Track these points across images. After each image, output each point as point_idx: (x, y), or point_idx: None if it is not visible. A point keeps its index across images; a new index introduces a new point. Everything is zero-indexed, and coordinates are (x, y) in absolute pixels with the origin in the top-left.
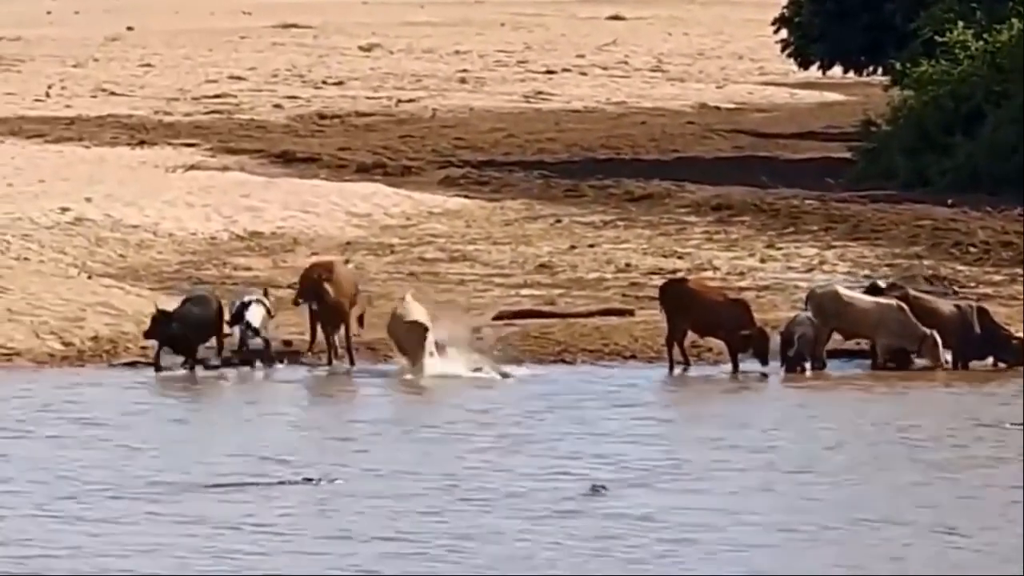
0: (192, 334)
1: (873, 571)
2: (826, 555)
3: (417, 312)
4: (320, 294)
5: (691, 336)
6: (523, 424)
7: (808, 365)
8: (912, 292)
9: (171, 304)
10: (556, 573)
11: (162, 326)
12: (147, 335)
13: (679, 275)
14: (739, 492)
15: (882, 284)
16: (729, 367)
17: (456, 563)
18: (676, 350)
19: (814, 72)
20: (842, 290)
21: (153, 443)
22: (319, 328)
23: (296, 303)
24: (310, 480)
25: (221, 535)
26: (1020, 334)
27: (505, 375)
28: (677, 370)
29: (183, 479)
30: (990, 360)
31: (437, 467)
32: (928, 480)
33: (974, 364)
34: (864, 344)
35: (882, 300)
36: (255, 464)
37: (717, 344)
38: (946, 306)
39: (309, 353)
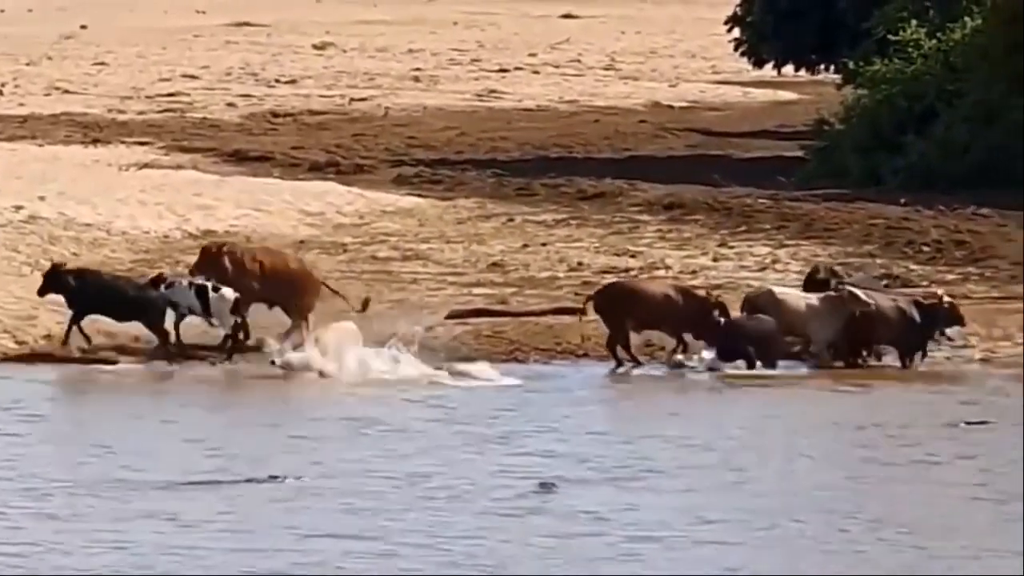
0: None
1: (836, 568)
2: (787, 553)
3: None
4: (219, 269)
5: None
6: (483, 423)
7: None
8: (848, 287)
9: None
10: (518, 572)
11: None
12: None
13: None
14: (698, 490)
15: (820, 275)
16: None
17: (420, 560)
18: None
19: (767, 71)
20: (776, 289)
21: (117, 440)
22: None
23: (191, 275)
24: (276, 478)
25: (186, 532)
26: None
27: (460, 374)
28: (633, 368)
29: (148, 477)
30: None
31: (398, 465)
32: (889, 477)
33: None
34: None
35: (815, 297)
36: (221, 461)
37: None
38: (886, 302)
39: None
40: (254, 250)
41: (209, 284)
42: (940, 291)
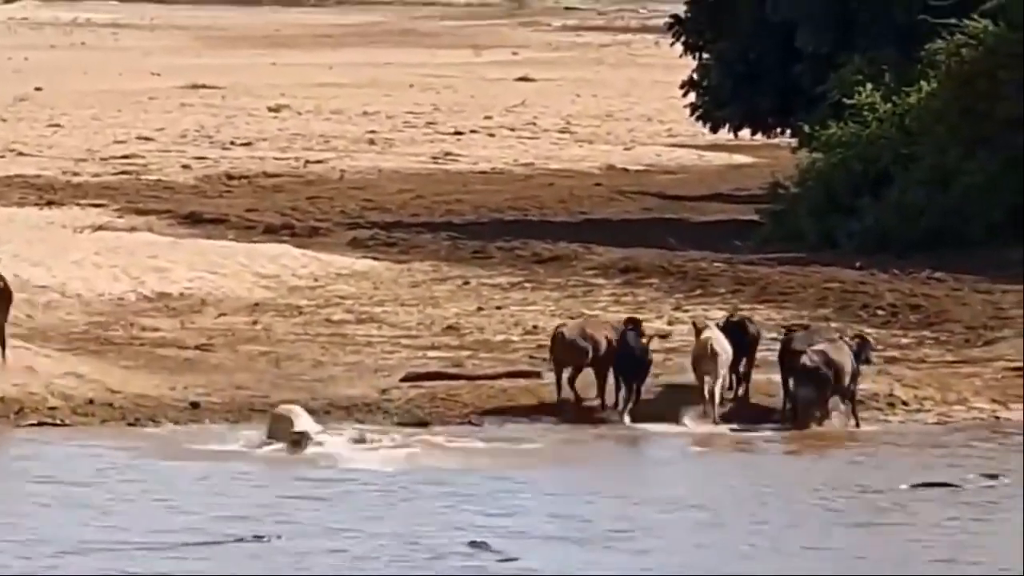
0: None
1: None
2: None
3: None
4: None
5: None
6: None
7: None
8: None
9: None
10: None
11: None
12: None
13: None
14: (649, 551)
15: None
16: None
17: None
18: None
19: (723, 134)
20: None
21: (114, 502)
22: None
23: None
24: (260, 538)
25: None
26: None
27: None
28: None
29: (146, 539)
30: None
31: (385, 525)
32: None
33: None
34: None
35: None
36: (209, 522)
37: None
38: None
39: None
40: None
41: None
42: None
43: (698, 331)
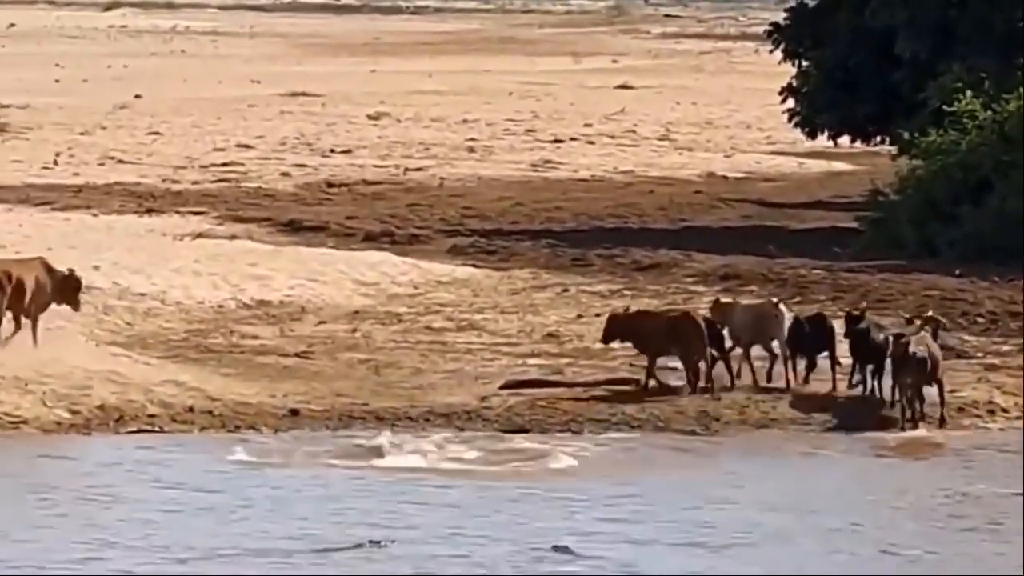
0: None
1: None
2: None
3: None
4: None
5: None
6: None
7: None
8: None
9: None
10: None
11: None
12: None
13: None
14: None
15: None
16: None
17: None
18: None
19: (822, 141)
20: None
21: (241, 507)
22: None
23: None
24: (377, 543)
25: None
26: None
27: None
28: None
29: (285, 545)
30: None
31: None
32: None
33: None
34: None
35: None
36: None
37: None
38: None
39: None
40: None
41: None
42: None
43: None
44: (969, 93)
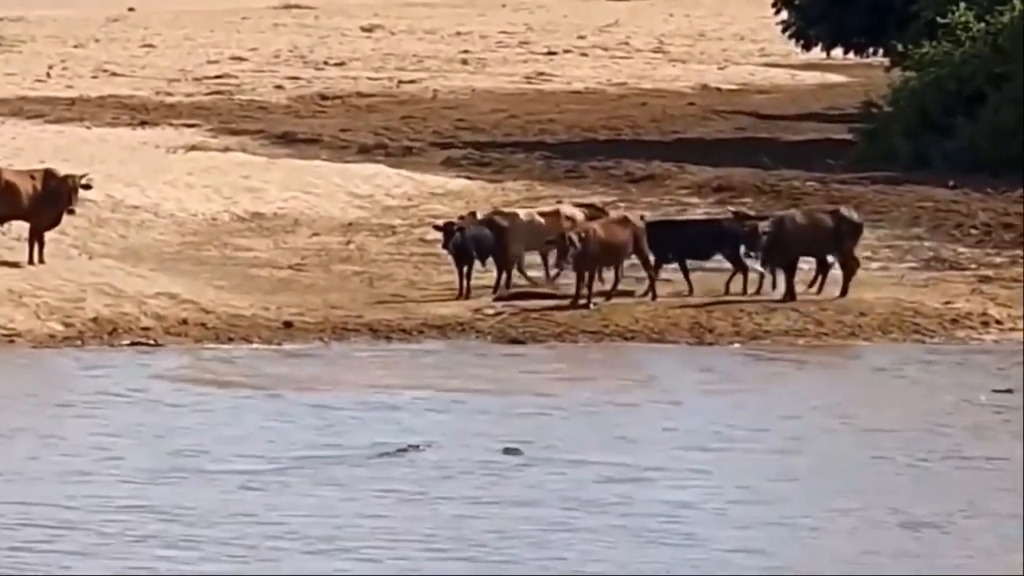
0: None
1: None
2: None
3: None
4: None
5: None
6: None
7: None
8: None
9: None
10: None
11: None
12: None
13: None
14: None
15: None
16: None
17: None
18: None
19: (816, 53)
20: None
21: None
22: None
23: None
24: (415, 447)
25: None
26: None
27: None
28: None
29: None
30: None
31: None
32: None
33: None
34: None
35: None
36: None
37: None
38: None
39: None
40: None
41: None
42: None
43: None
44: (963, 4)
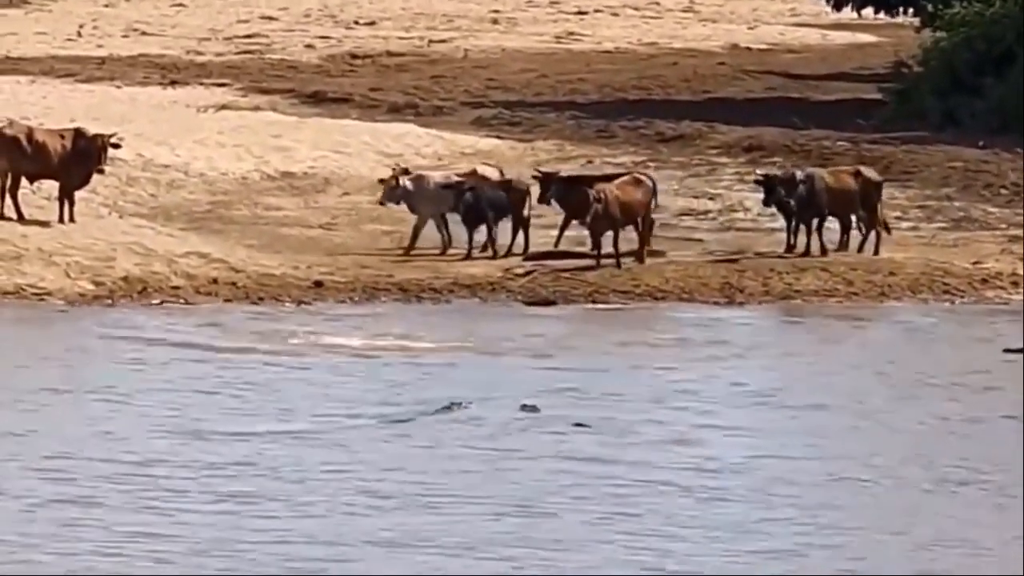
0: None
1: None
2: None
3: None
4: None
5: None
6: None
7: None
8: None
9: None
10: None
11: None
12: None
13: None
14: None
15: None
16: None
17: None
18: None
19: (846, 13)
20: None
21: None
22: None
23: None
24: (459, 404)
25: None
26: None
27: None
28: None
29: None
30: None
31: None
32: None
33: None
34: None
35: None
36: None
37: None
38: None
39: None
40: None
41: None
42: None
43: None
44: None
